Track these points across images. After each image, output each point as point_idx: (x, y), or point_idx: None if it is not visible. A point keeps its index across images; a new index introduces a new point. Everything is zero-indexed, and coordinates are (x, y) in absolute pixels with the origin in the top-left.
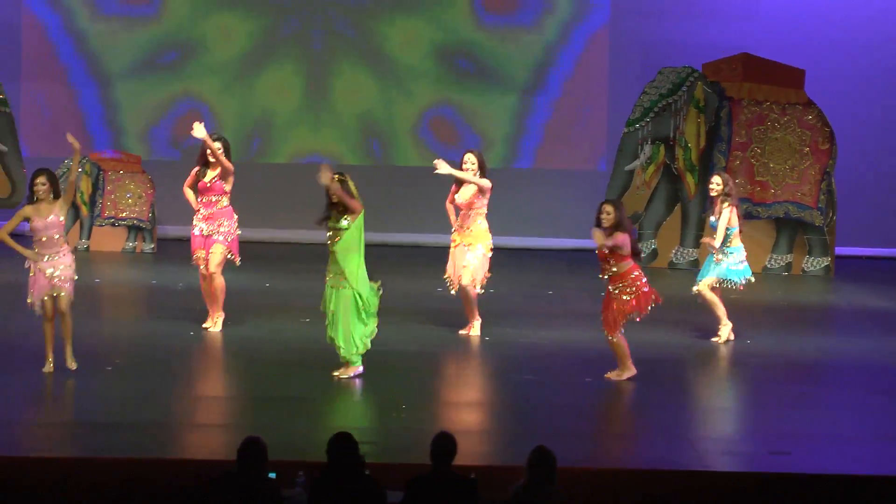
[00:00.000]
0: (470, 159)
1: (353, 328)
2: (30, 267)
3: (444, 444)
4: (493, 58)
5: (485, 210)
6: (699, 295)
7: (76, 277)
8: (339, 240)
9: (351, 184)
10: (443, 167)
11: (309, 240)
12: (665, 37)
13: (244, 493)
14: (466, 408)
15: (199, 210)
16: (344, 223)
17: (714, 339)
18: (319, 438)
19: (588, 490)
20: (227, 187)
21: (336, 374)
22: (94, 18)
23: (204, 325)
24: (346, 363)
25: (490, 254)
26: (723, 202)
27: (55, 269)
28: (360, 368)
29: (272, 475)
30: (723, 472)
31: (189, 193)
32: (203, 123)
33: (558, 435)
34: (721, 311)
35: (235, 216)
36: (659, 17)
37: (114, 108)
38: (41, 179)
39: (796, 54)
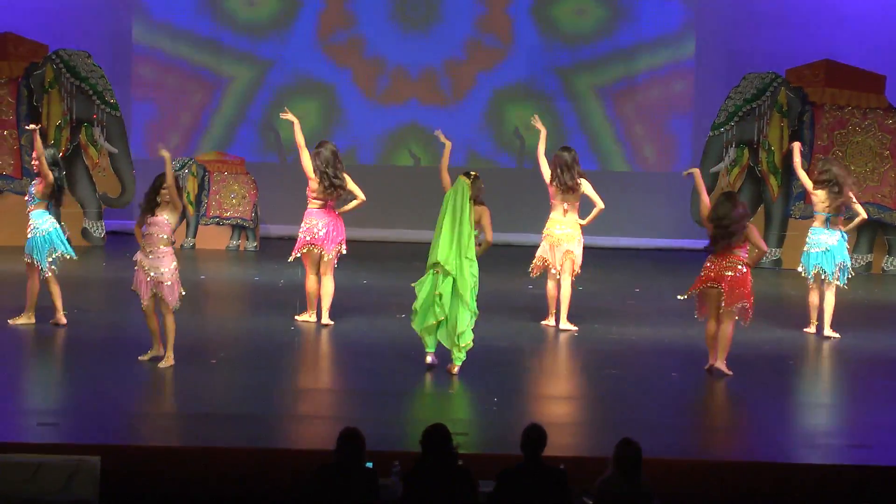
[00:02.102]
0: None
1: None
2: (137, 261)
3: (535, 435)
4: (581, 61)
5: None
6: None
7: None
8: None
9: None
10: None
11: (404, 238)
12: (749, 43)
13: (343, 481)
14: (556, 401)
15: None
16: None
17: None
18: (414, 430)
19: (672, 481)
20: None
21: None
22: (200, 26)
23: (323, 322)
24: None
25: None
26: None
27: (154, 269)
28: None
29: (370, 465)
30: (805, 464)
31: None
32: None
33: (644, 427)
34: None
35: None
36: (743, 24)
37: (219, 112)
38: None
39: (878, 60)
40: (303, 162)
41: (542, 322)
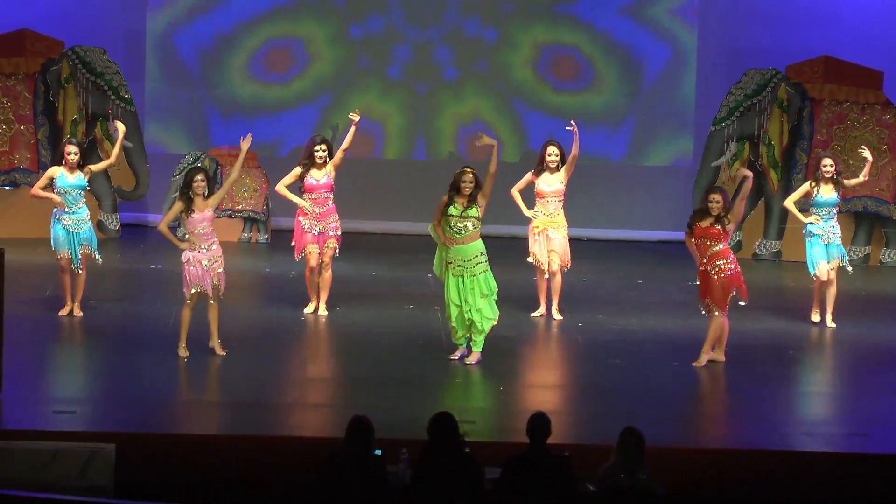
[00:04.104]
0: (554, 151)
1: (489, 313)
2: (188, 260)
3: (540, 423)
4: (584, 57)
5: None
6: (828, 282)
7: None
8: (473, 227)
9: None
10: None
11: (411, 231)
12: (750, 40)
13: (352, 468)
14: (561, 390)
15: (309, 209)
16: (476, 211)
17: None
18: (422, 418)
19: (674, 469)
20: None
21: (466, 360)
22: (212, 22)
23: (307, 311)
24: (471, 350)
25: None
26: (829, 182)
27: (210, 259)
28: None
29: (378, 452)
30: (804, 451)
31: (284, 191)
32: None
33: (647, 416)
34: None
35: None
36: (745, 21)
37: (231, 107)
38: (200, 177)
39: (875, 57)
40: (340, 161)
41: (539, 314)
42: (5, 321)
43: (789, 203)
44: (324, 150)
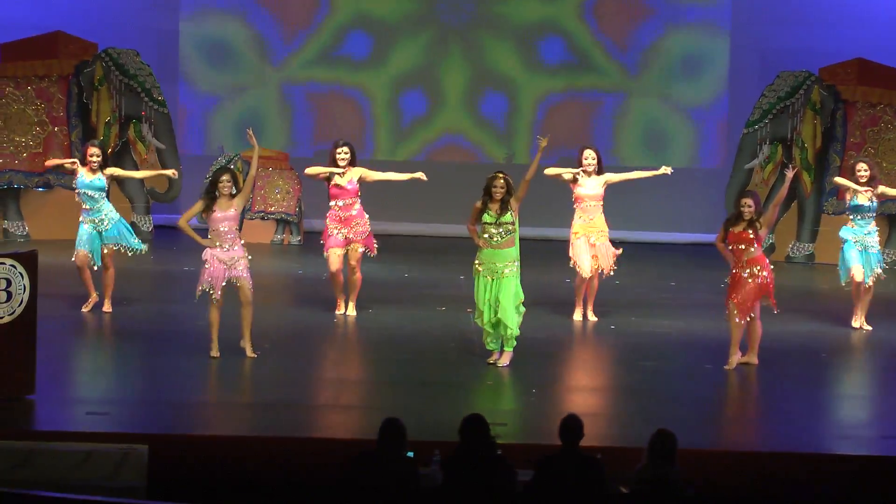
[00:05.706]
0: (591, 155)
1: (514, 315)
2: (207, 259)
3: (572, 425)
4: (617, 59)
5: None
6: (869, 287)
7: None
8: (508, 233)
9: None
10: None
11: (444, 233)
12: (783, 43)
13: (384, 470)
14: (593, 392)
15: (336, 213)
16: (510, 217)
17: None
18: (454, 420)
19: (707, 471)
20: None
21: (499, 362)
22: (244, 25)
23: (338, 312)
24: (504, 351)
25: None
26: (867, 187)
27: (231, 259)
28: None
29: (410, 454)
30: (837, 454)
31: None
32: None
33: (679, 418)
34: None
35: (366, 215)
36: (778, 24)
37: (263, 109)
38: (227, 177)
39: None
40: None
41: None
42: (39, 322)
43: (839, 178)
44: (346, 153)
